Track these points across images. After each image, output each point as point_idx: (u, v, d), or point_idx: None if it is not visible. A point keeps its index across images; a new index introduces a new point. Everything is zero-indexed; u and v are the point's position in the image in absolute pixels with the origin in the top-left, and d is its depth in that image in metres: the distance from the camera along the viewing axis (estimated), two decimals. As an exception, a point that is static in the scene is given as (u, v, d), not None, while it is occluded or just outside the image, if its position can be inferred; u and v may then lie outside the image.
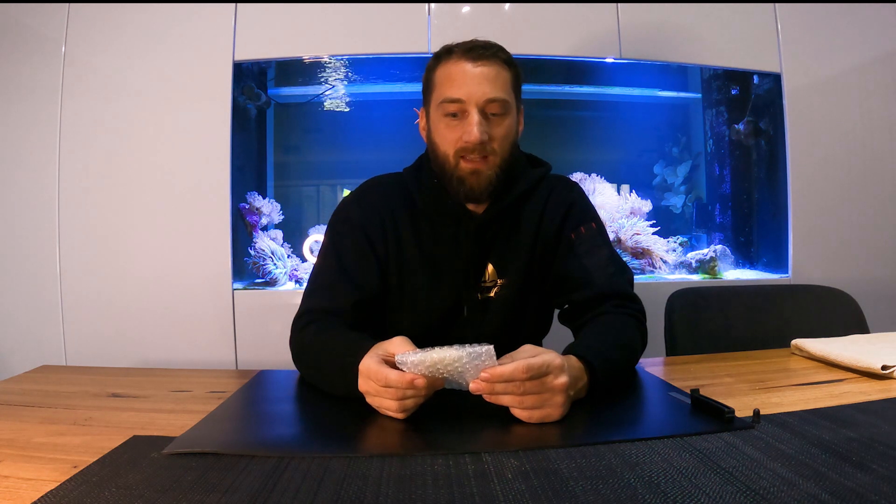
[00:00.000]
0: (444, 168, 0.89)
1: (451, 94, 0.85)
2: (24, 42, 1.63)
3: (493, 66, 0.85)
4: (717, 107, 2.13)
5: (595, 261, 0.91)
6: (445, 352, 0.63)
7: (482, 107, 0.85)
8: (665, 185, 2.20)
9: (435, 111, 0.89)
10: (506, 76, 0.87)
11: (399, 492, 0.48)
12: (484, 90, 0.84)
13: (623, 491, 0.47)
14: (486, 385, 0.62)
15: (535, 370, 0.62)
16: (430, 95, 0.91)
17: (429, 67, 0.91)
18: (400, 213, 0.94)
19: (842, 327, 1.13)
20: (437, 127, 0.89)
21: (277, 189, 2.09)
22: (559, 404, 0.63)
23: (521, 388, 0.62)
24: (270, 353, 1.61)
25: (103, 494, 0.47)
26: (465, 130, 0.85)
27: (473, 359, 0.63)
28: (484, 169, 0.87)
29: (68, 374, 0.91)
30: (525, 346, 0.68)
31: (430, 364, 0.63)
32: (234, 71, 1.65)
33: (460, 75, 0.85)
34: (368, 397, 0.68)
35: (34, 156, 1.63)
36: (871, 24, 1.85)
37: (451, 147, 0.87)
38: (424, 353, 0.64)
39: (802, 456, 0.53)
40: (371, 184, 0.99)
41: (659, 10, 1.76)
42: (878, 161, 1.86)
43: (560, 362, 0.64)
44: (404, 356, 0.64)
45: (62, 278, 1.62)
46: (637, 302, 0.90)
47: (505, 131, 0.87)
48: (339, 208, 0.97)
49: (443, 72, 0.87)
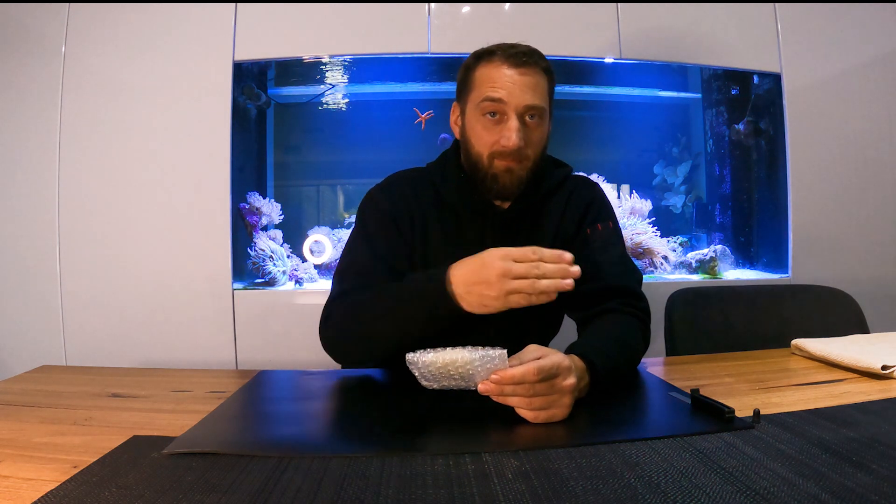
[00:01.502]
0: (478, 166, 0.90)
1: (493, 94, 0.86)
2: (24, 42, 1.63)
3: (534, 74, 0.87)
4: (717, 107, 2.13)
5: (607, 257, 0.93)
6: (458, 353, 0.63)
7: (521, 113, 0.86)
8: (665, 185, 2.20)
9: (473, 110, 0.90)
10: (544, 84, 0.89)
11: (399, 492, 0.48)
12: (525, 97, 0.86)
13: (623, 491, 0.47)
14: (496, 387, 0.62)
15: (546, 372, 0.62)
16: (467, 94, 0.92)
17: (467, 65, 0.92)
18: (426, 205, 0.95)
19: (842, 327, 1.13)
20: (473, 126, 0.90)
21: (277, 189, 2.09)
22: (566, 405, 0.64)
23: (530, 391, 0.62)
24: (270, 353, 1.61)
25: (103, 494, 0.47)
26: (503, 135, 0.86)
27: (486, 362, 0.63)
28: (517, 168, 0.89)
29: (68, 374, 0.91)
30: (530, 347, 0.68)
31: (441, 365, 0.63)
32: (234, 71, 1.65)
33: (502, 79, 0.86)
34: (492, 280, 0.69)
35: (34, 156, 1.63)
36: (871, 24, 1.85)
37: (487, 148, 0.88)
38: (437, 353, 0.64)
39: (802, 456, 0.53)
40: (396, 177, 1.00)
41: (659, 10, 1.76)
42: (878, 161, 1.86)
43: (568, 364, 0.65)
44: (416, 355, 0.64)
45: (62, 278, 1.62)
46: (643, 300, 0.91)
47: (540, 137, 0.90)
48: (366, 199, 0.98)
49: (484, 72, 0.88)
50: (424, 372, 0.64)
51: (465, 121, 0.92)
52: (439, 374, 0.64)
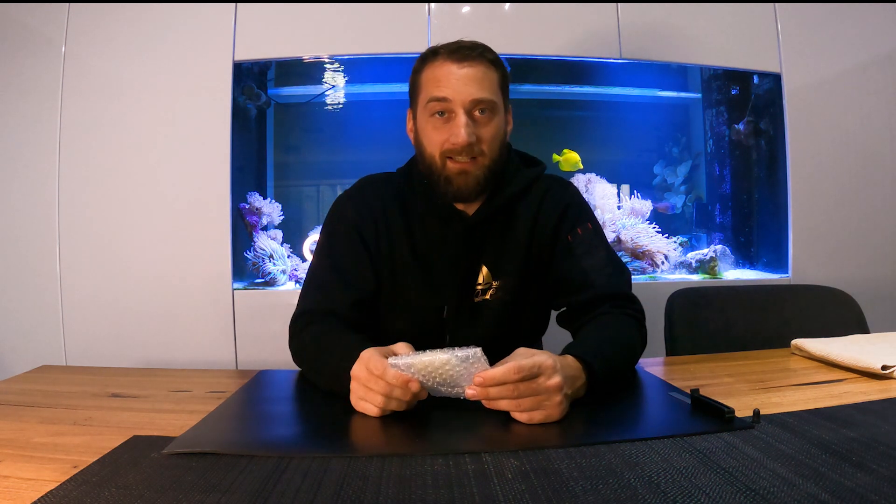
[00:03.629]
0: (432, 169, 0.89)
1: (437, 93, 0.85)
2: (24, 42, 1.63)
3: (479, 67, 0.85)
4: (717, 107, 2.13)
5: (593, 262, 0.91)
6: (435, 355, 0.63)
7: (469, 108, 0.85)
8: (665, 185, 2.20)
9: (421, 112, 0.89)
10: (492, 76, 0.87)
11: (399, 492, 0.48)
12: (470, 91, 0.84)
13: (623, 491, 0.47)
14: (482, 390, 0.62)
15: (526, 371, 0.62)
16: (416, 97, 0.91)
17: (415, 69, 0.91)
18: (393, 211, 0.94)
19: (842, 327, 1.13)
20: (423, 128, 0.89)
21: (277, 189, 2.09)
22: (557, 404, 0.63)
23: (514, 391, 0.62)
24: (270, 353, 1.61)
25: (103, 494, 0.47)
26: (452, 132, 0.84)
27: (462, 361, 0.63)
28: (472, 169, 0.87)
29: (68, 374, 0.91)
30: (519, 350, 0.68)
31: (420, 367, 0.63)
32: (234, 71, 1.64)
33: (446, 76, 0.85)
34: (354, 385, 0.66)
35: (34, 156, 1.63)
36: (871, 24, 1.85)
37: (438, 148, 0.87)
38: (414, 356, 0.64)
39: (802, 456, 0.53)
40: (364, 182, 1.00)
41: (659, 10, 1.76)
42: (878, 161, 1.86)
43: (552, 363, 0.64)
44: (396, 359, 0.64)
45: (62, 278, 1.62)
46: (636, 302, 0.90)
47: (493, 132, 0.87)
48: (333, 207, 0.97)
49: (429, 73, 0.87)
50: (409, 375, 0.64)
51: (417, 125, 0.91)
52: (423, 378, 0.64)
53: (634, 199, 1.96)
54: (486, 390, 0.62)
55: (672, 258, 1.89)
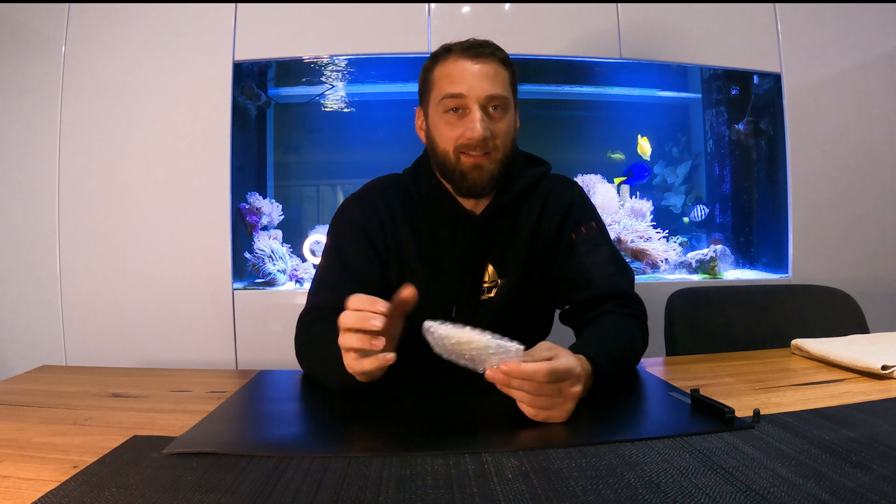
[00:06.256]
0: (445, 165, 0.89)
1: (452, 89, 0.85)
2: (24, 42, 1.63)
3: (492, 64, 0.86)
4: (717, 107, 2.13)
5: (596, 261, 0.91)
6: (476, 335, 0.62)
7: (483, 103, 0.85)
8: (665, 185, 2.20)
9: (434, 109, 0.89)
10: (504, 74, 0.88)
11: (399, 492, 0.48)
12: (485, 87, 0.85)
13: (623, 491, 0.47)
14: (504, 377, 0.61)
15: (556, 375, 0.61)
16: (428, 94, 0.91)
17: (426, 68, 0.92)
18: (399, 213, 0.94)
19: (842, 327, 1.13)
20: (436, 125, 0.89)
21: (277, 189, 2.09)
22: (567, 410, 0.63)
23: (537, 389, 0.61)
24: (270, 353, 1.61)
25: (103, 494, 0.47)
26: (467, 127, 0.85)
27: (501, 351, 0.62)
28: (486, 164, 0.87)
29: (68, 374, 0.91)
30: (542, 344, 0.67)
31: (455, 342, 0.62)
32: (234, 71, 1.65)
33: (460, 72, 0.85)
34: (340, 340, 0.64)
35: (34, 156, 1.63)
36: (871, 24, 1.85)
37: (451, 144, 0.87)
38: (454, 328, 0.62)
39: (802, 456, 0.53)
40: (371, 185, 1.00)
41: (659, 10, 1.76)
42: (878, 161, 1.86)
43: (580, 372, 0.64)
44: (432, 324, 0.63)
45: (62, 278, 1.62)
46: (638, 302, 0.90)
47: (506, 128, 0.88)
48: (340, 209, 0.98)
49: (442, 70, 0.88)
50: (437, 342, 0.63)
51: (429, 122, 0.91)
52: (451, 350, 0.63)
53: (635, 200, 1.96)
54: (508, 379, 0.61)
55: (672, 260, 1.90)
